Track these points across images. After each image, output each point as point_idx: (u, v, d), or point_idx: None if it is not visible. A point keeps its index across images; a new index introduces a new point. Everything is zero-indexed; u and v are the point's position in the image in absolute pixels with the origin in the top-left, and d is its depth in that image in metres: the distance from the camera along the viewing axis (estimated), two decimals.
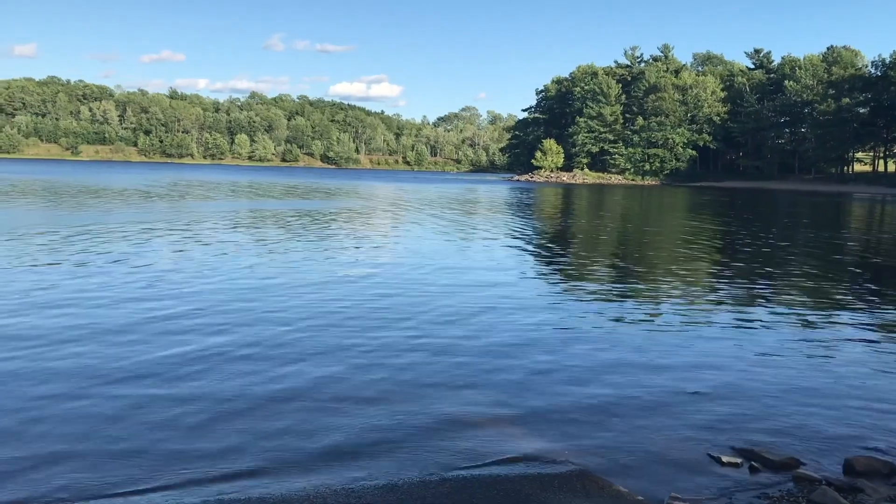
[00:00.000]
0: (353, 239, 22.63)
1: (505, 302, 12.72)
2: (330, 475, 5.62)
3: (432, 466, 5.82)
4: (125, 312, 10.84)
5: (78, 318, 10.40)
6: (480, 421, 6.83)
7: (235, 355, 8.74)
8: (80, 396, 7.16)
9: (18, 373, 7.84)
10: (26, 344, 8.94)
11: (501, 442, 6.36)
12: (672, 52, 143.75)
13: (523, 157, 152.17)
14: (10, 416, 6.62)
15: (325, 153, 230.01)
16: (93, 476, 5.51)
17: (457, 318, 11.17)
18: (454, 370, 8.44)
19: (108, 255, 16.84)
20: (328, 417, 6.81)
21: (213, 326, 10.13)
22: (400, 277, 15.03)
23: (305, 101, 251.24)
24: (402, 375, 8.16)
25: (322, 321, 10.66)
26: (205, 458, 5.88)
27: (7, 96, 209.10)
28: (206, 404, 7.05)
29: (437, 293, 13.26)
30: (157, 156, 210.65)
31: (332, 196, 51.39)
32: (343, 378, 8.00)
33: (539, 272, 17.39)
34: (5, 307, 11.00)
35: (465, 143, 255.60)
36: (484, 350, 9.35)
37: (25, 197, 39.07)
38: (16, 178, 62.51)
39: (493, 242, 23.02)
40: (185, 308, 11.28)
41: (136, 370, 8.05)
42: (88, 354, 8.59)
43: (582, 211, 46.10)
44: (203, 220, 27.83)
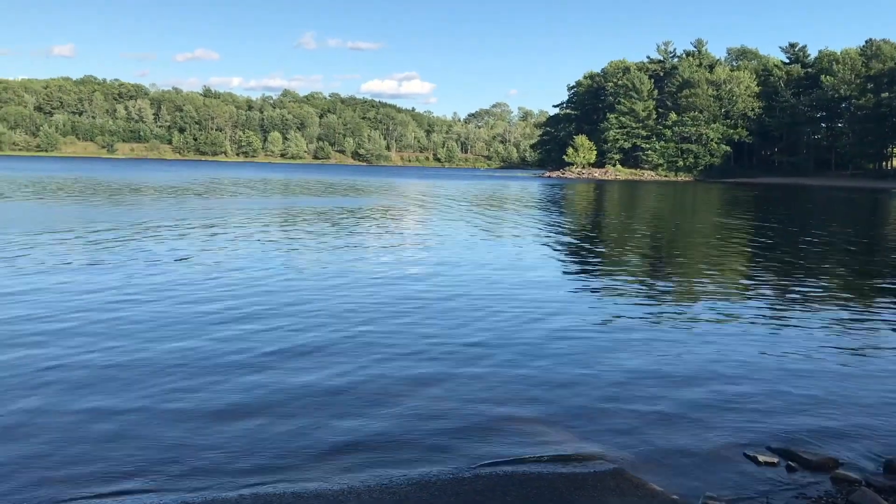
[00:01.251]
0: (387, 236, 22.71)
1: (537, 300, 12.68)
2: (364, 470, 5.65)
3: (465, 463, 5.83)
4: (192, 312, 10.98)
5: (152, 313, 10.56)
6: (514, 419, 6.82)
7: (283, 350, 8.82)
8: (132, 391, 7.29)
9: (127, 365, 7.99)
10: (119, 342, 9.12)
11: (535, 440, 6.34)
12: (706, 47, 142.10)
13: (554, 154, 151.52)
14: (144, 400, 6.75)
15: (356, 150, 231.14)
16: (170, 466, 5.61)
17: (489, 316, 11.15)
18: (488, 368, 8.43)
19: (169, 253, 17.10)
20: (362, 412, 6.85)
21: (267, 321, 10.26)
22: (433, 276, 15.05)
23: (337, 99, 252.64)
24: (435, 372, 8.17)
25: (355, 319, 10.70)
26: (240, 452, 5.94)
27: (45, 96, 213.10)
28: (257, 398, 7.12)
29: (470, 292, 13.24)
30: (191, 153, 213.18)
31: (365, 193, 51.62)
32: (376, 374, 8.02)
33: (571, 270, 17.31)
34: (98, 302, 11.20)
35: (496, 139, 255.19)
36: (517, 349, 9.33)
37: (79, 195, 39.73)
38: (60, 177, 63.61)
39: (525, 240, 22.96)
40: (250, 306, 11.39)
41: (218, 366, 8.17)
42: (171, 350, 8.73)
43: (614, 207, 45.81)
44: (248, 217, 28.10)
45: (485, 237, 23.42)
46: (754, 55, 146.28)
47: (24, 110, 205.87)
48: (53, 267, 14.61)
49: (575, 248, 22.00)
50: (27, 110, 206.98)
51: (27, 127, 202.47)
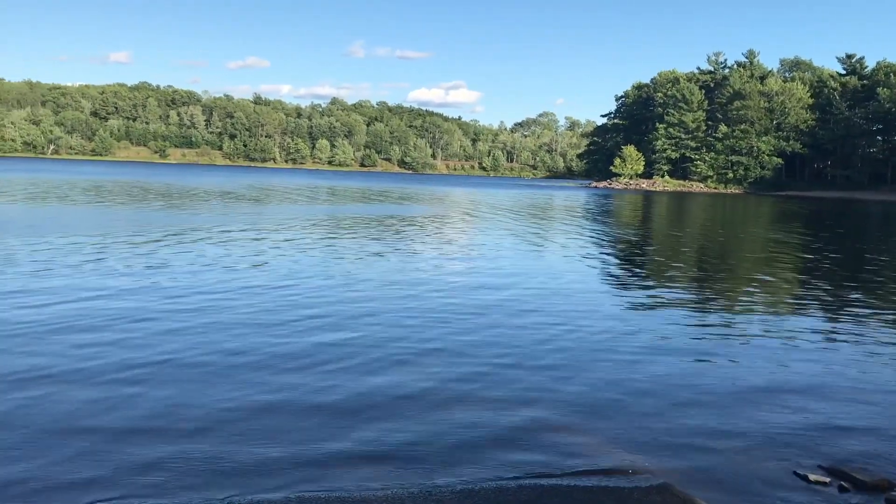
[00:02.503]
0: (436, 245, 22.75)
1: (581, 311, 12.61)
2: (408, 478, 5.67)
3: (509, 474, 5.81)
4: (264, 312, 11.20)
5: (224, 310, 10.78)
6: (558, 430, 6.78)
7: (339, 354, 8.91)
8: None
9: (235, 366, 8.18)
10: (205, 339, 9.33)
11: (580, 452, 6.30)
12: (757, 58, 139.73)
13: (601, 164, 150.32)
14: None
15: (402, 158, 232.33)
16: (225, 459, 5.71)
17: (535, 327, 11.12)
18: (533, 378, 8.40)
19: (238, 258, 17.43)
20: (407, 420, 6.87)
21: (341, 329, 10.41)
22: (480, 286, 15.06)
23: (384, 107, 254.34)
24: (480, 382, 8.17)
25: (399, 327, 10.76)
26: (286, 454, 6.01)
27: (101, 101, 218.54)
28: (299, 400, 7.21)
29: (515, 302, 13.23)
30: (241, 159, 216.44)
31: (414, 201, 51.85)
32: (424, 383, 8.05)
33: (618, 282, 17.16)
34: (186, 306, 11.48)
35: (542, 148, 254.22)
36: (563, 359, 9.29)
37: (142, 199, 40.65)
38: (120, 181, 65.06)
39: (571, 250, 22.82)
40: (322, 315, 11.55)
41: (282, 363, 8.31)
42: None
43: (662, 219, 45.29)
44: (305, 223, 28.44)
45: (531, 247, 23.34)
46: (808, 66, 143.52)
47: (80, 115, 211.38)
48: (135, 270, 14.97)
49: (621, 259, 21.80)
50: (83, 115, 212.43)
51: (83, 131, 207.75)
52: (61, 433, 6.28)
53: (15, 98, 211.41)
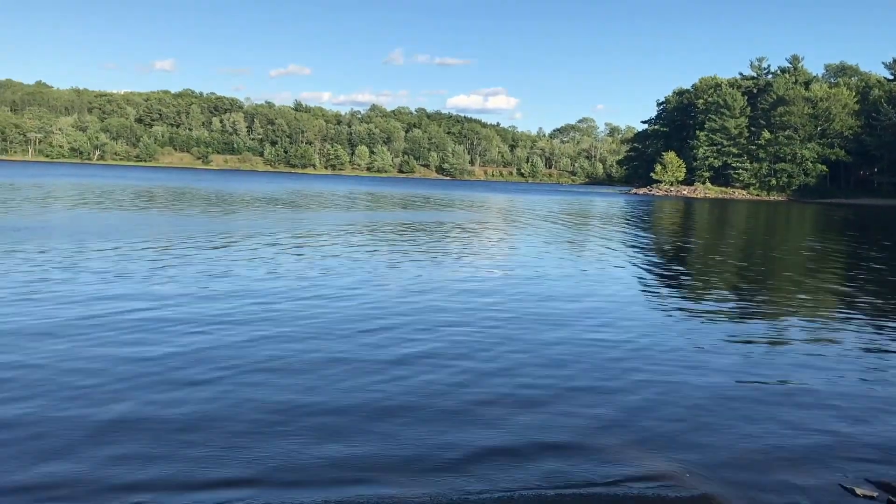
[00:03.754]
0: (470, 251, 22.76)
1: (622, 319, 12.51)
2: (445, 486, 5.67)
3: (548, 482, 5.77)
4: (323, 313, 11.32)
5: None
6: (597, 438, 6.72)
7: (380, 359, 8.95)
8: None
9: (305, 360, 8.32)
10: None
11: (620, 461, 6.23)
12: (802, 64, 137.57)
13: (642, 170, 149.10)
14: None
15: (440, 165, 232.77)
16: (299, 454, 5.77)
17: (572, 334, 11.06)
18: (571, 384, 8.35)
19: (298, 264, 17.67)
20: (446, 428, 6.87)
21: (381, 330, 10.47)
22: (516, 291, 15.03)
23: (423, 114, 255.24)
24: (520, 389, 8.15)
25: (434, 334, 10.77)
26: (327, 460, 6.04)
27: (146, 108, 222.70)
28: (343, 405, 7.26)
29: (554, 309, 13.18)
30: (282, 166, 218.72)
31: (455, 208, 51.90)
32: (462, 389, 8.05)
33: (656, 290, 16.98)
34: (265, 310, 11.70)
35: (581, 154, 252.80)
36: (600, 367, 9.21)
37: (197, 204, 41.35)
38: (173, 187, 66.15)
39: (610, 257, 22.65)
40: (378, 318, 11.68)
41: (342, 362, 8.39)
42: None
43: (704, 226, 44.73)
44: (355, 228, 28.66)
45: (571, 254, 23.20)
46: (854, 71, 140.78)
47: (125, 122, 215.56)
48: (215, 275, 15.25)
49: (661, 266, 21.57)
50: (128, 122, 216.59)
51: (128, 137, 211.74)
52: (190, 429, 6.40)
53: (63, 105, 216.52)
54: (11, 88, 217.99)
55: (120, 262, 16.56)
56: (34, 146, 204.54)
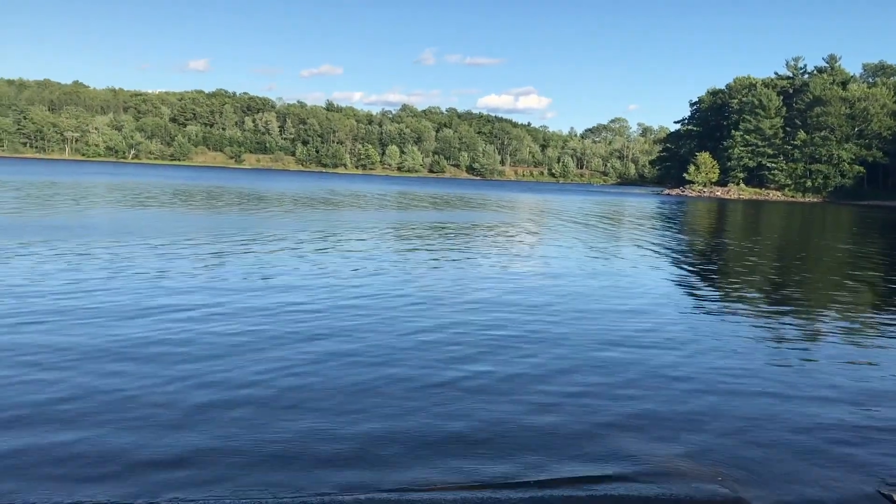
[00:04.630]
0: (506, 252, 22.70)
1: (656, 320, 12.38)
2: (475, 481, 5.63)
3: (581, 482, 5.69)
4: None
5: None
6: (631, 439, 6.64)
7: (428, 356, 8.94)
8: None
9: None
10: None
11: (652, 462, 6.16)
12: (839, 63, 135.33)
13: (674, 171, 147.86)
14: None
15: (470, 164, 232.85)
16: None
17: (611, 332, 10.97)
18: (605, 386, 8.28)
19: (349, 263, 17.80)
20: (493, 422, 6.86)
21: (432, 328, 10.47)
22: (553, 294, 14.93)
23: (454, 114, 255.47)
24: (551, 388, 8.10)
25: (471, 332, 10.73)
26: (369, 455, 6.02)
27: (180, 108, 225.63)
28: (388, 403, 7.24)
29: (593, 311, 13.09)
30: (313, 165, 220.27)
31: (485, 208, 51.91)
32: (512, 385, 8.03)
33: (693, 292, 16.78)
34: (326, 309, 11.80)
35: (613, 155, 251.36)
36: (635, 368, 9.13)
37: (237, 203, 41.84)
38: (211, 186, 66.99)
39: (644, 259, 22.44)
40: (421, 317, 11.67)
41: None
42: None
43: (739, 228, 44.18)
44: (395, 228, 28.79)
45: (607, 255, 22.99)
46: (894, 70, 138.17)
47: (160, 121, 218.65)
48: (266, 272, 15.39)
49: (698, 267, 21.32)
50: (163, 121, 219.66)
51: (162, 137, 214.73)
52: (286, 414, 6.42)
53: (99, 104, 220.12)
54: (49, 88, 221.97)
55: (174, 260, 16.80)
56: (71, 145, 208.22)
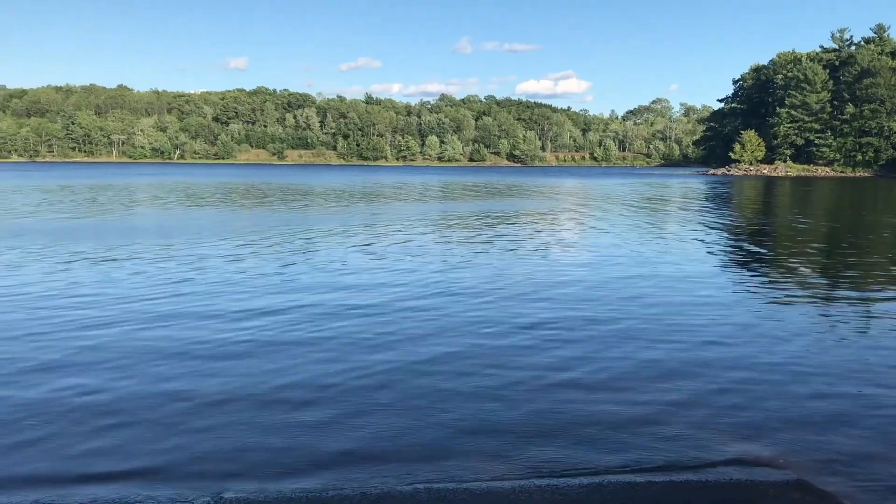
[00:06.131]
0: (554, 239, 22.64)
1: (704, 302, 12.25)
2: (534, 469, 5.66)
3: (638, 465, 5.71)
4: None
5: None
6: (687, 421, 6.59)
7: (483, 349, 9.03)
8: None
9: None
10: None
11: (709, 444, 6.10)
12: (888, 33, 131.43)
13: (719, 150, 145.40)
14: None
15: (511, 151, 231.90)
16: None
17: (664, 316, 10.88)
18: (663, 364, 8.24)
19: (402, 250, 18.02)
20: (535, 410, 6.85)
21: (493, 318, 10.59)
22: (602, 278, 14.88)
23: (493, 101, 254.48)
24: (614, 368, 8.11)
25: (531, 318, 10.77)
26: (426, 443, 6.14)
27: (222, 107, 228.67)
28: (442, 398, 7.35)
29: (640, 292, 12.98)
30: (354, 159, 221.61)
31: (529, 195, 51.72)
32: (562, 371, 8.02)
33: (742, 273, 16.53)
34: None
35: (656, 136, 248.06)
36: (693, 347, 9.05)
37: (300, 200, 42.44)
38: (262, 183, 67.93)
39: (696, 243, 22.15)
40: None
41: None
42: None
43: (786, 205, 43.33)
44: (460, 220, 28.95)
45: (658, 240, 22.73)
46: None
47: (203, 121, 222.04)
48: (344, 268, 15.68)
49: (744, 249, 21.01)
50: (206, 121, 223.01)
51: (206, 136, 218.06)
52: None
53: (143, 107, 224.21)
54: (95, 93, 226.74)
55: (246, 258, 17.03)
56: (118, 147, 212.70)
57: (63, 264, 15.69)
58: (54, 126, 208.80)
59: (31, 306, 11.30)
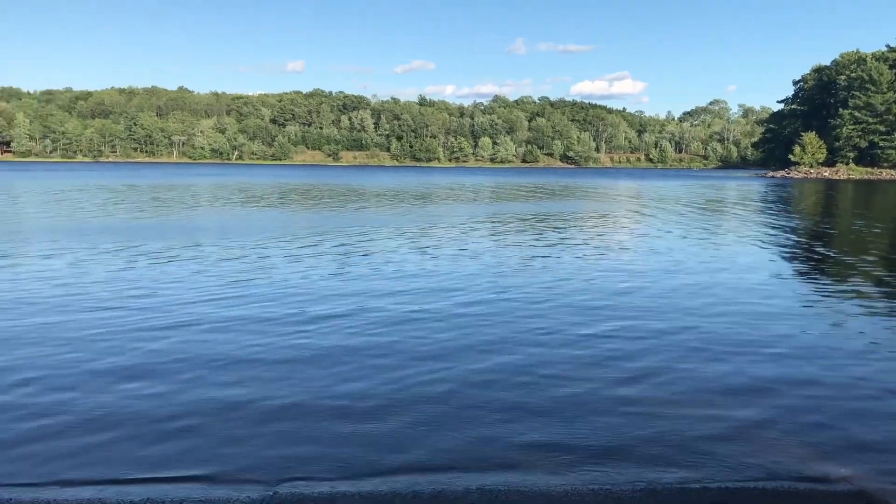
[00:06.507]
0: (614, 242, 22.54)
1: (781, 312, 12.09)
2: (588, 474, 5.72)
3: (694, 474, 5.73)
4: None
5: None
6: (746, 430, 6.58)
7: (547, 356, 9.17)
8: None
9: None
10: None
11: (783, 462, 6.06)
12: None
13: (778, 152, 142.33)
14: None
15: (564, 153, 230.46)
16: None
17: (732, 326, 10.80)
18: (730, 378, 8.19)
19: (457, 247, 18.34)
20: (600, 425, 6.88)
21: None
22: (664, 286, 14.80)
23: (546, 102, 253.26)
24: (681, 382, 8.06)
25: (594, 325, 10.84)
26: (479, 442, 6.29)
27: (279, 109, 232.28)
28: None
29: (706, 301, 12.84)
30: (407, 160, 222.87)
31: (585, 197, 51.42)
32: (627, 384, 8.00)
33: (806, 280, 16.27)
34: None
35: (713, 138, 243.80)
36: (763, 360, 8.95)
37: (349, 200, 43.08)
38: (316, 183, 68.90)
39: (752, 246, 21.81)
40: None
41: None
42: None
43: (849, 210, 42.24)
44: (489, 221, 29.10)
45: (717, 242, 22.47)
46: None
47: (261, 122, 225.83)
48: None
49: (810, 255, 20.60)
50: (264, 122, 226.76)
51: (264, 138, 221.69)
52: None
53: (203, 108, 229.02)
54: (157, 95, 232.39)
55: (305, 259, 17.39)
56: (178, 148, 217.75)
57: (127, 263, 16.22)
58: (117, 127, 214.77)
59: (96, 307, 11.70)
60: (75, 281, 13.93)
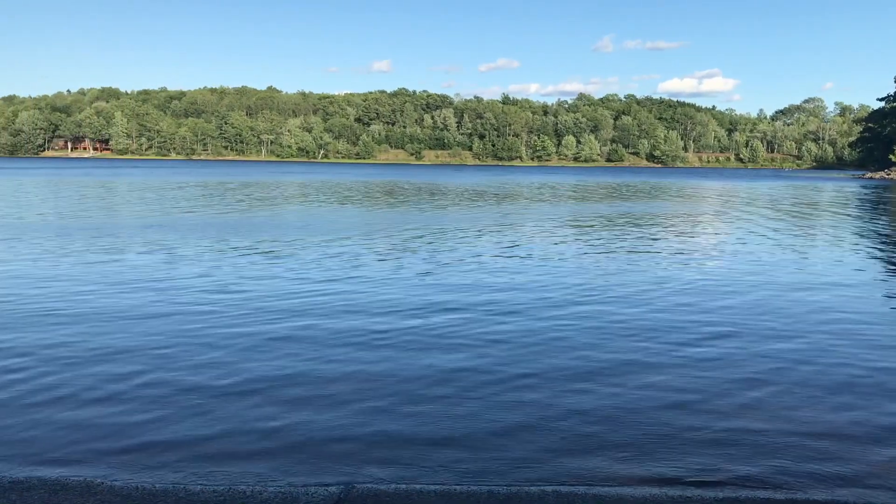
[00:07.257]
0: (701, 245, 22.07)
1: (851, 314, 11.68)
2: (627, 472, 5.67)
3: (718, 474, 5.61)
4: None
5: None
6: (782, 437, 6.41)
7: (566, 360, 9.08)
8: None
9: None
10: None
11: (791, 462, 5.93)
12: None
13: (877, 152, 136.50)
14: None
15: (650, 152, 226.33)
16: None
17: (793, 333, 10.51)
18: (795, 390, 7.97)
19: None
20: (635, 412, 6.89)
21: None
22: (765, 293, 14.44)
23: (632, 100, 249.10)
24: (795, 393, 7.84)
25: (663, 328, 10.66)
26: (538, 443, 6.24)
27: (364, 108, 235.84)
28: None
29: (815, 307, 12.48)
30: (489, 159, 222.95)
31: (675, 197, 50.50)
32: (743, 391, 7.85)
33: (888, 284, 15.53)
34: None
35: (807, 137, 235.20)
36: (832, 376, 8.71)
37: (439, 199, 43.64)
38: (404, 182, 69.88)
39: (854, 256, 21.00)
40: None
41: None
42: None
43: None
44: (576, 222, 28.96)
45: (814, 248, 21.70)
46: None
47: (346, 122, 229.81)
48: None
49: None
50: (349, 122, 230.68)
51: (348, 137, 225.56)
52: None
53: (290, 108, 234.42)
54: (246, 95, 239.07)
55: (390, 258, 17.64)
56: (266, 147, 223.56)
57: (227, 259, 16.84)
58: (209, 126, 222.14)
59: (196, 300, 12.22)
60: (168, 275, 14.46)
